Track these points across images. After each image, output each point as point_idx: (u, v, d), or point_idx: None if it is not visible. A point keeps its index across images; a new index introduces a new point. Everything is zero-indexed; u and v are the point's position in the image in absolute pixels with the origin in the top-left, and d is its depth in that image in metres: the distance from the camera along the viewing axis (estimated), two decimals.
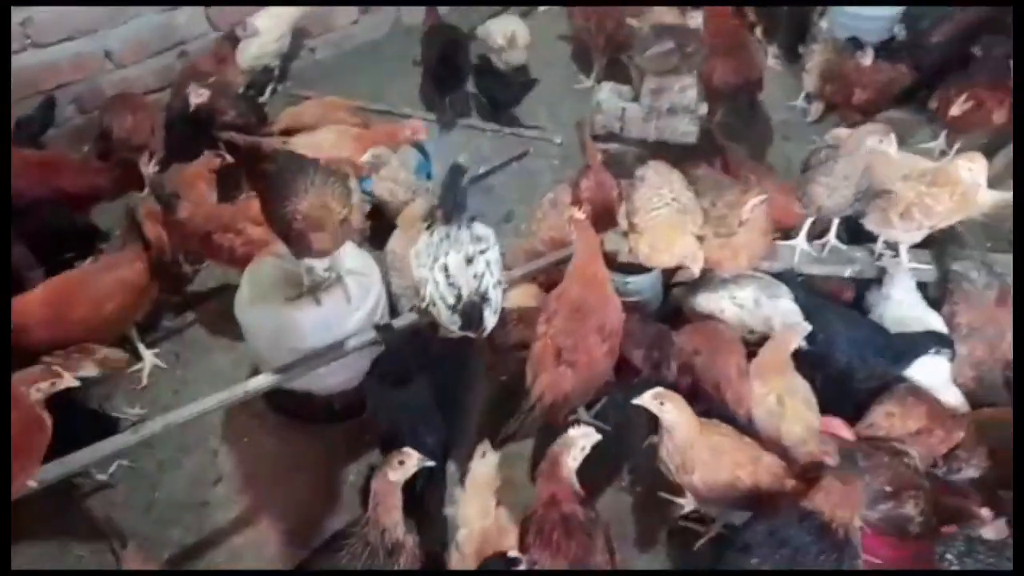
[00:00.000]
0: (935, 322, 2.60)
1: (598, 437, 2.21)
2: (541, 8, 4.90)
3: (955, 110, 3.27)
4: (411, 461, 2.08)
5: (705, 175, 2.93)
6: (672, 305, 3.04)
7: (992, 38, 4.14)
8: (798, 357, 2.59)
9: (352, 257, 2.67)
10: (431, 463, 2.16)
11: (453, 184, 2.53)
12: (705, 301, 2.86)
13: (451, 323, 2.46)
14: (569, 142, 3.97)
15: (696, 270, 2.63)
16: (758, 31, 4.51)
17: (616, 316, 2.51)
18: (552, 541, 2.06)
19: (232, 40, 3.94)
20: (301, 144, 3.36)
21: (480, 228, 2.56)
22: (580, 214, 2.62)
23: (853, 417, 2.53)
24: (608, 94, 3.61)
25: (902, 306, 2.67)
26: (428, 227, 2.63)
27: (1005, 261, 2.80)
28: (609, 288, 2.55)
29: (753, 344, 2.72)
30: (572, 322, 2.44)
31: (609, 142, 3.62)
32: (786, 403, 2.43)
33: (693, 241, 2.63)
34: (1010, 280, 2.67)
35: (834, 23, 4.07)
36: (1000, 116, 3.36)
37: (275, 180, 2.16)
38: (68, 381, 2.30)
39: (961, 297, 2.64)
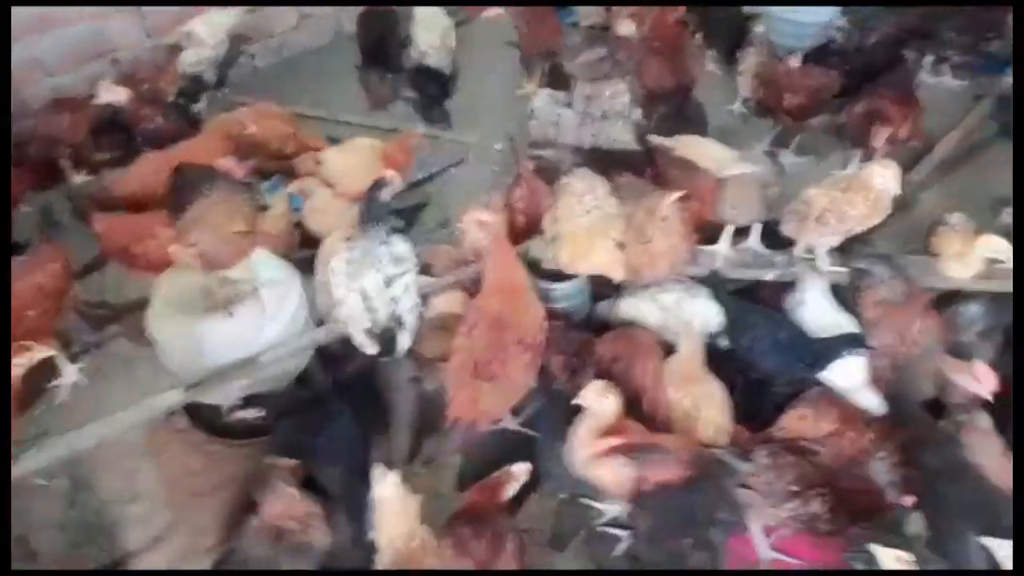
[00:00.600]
0: (847, 323, 2.62)
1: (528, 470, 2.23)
2: (485, 14, 4.89)
3: (876, 142, 3.29)
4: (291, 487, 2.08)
5: (629, 182, 2.94)
6: (600, 312, 3.04)
7: (923, 43, 4.23)
8: (721, 359, 2.65)
9: (269, 267, 2.64)
10: None
11: (372, 197, 2.51)
12: (629, 306, 2.87)
13: (367, 347, 2.53)
14: (509, 148, 3.96)
15: (616, 277, 2.64)
16: (698, 36, 4.58)
17: (537, 326, 2.50)
18: (461, 540, 2.07)
19: (176, 50, 3.91)
20: (337, 169, 3.31)
21: (400, 246, 2.56)
22: (495, 221, 2.63)
23: (771, 421, 2.54)
24: (543, 100, 3.61)
25: (816, 310, 2.69)
26: (347, 238, 2.62)
27: (921, 262, 2.84)
28: (529, 298, 2.54)
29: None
30: (491, 335, 2.43)
31: (545, 148, 3.63)
32: (700, 407, 2.45)
33: (613, 248, 2.64)
34: (920, 280, 2.71)
35: (770, 28, 4.11)
36: (904, 131, 3.38)
37: (175, 193, 2.13)
38: (42, 352, 2.31)
39: (867, 291, 2.67)
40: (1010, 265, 2.65)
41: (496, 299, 2.49)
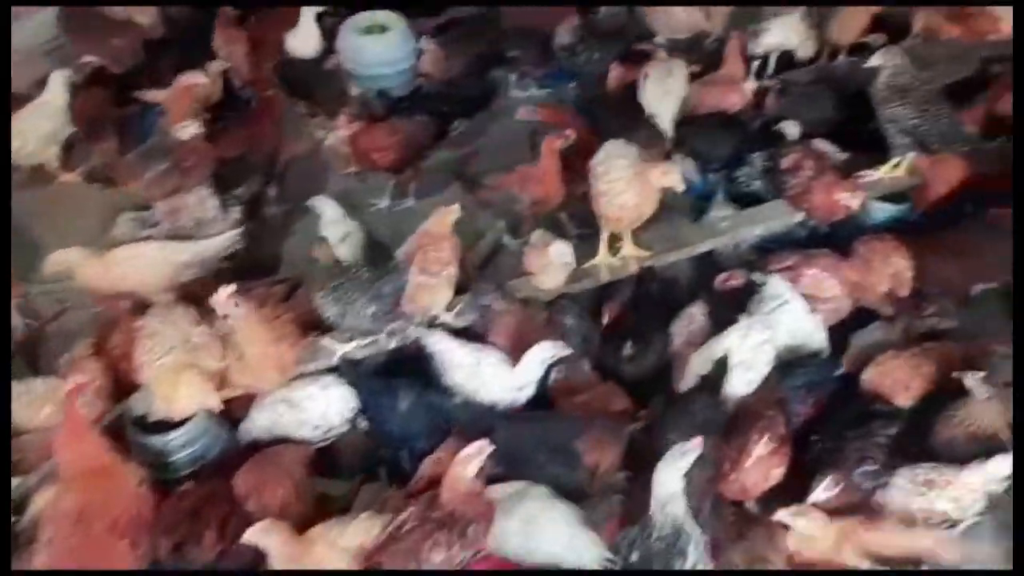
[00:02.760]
0: (467, 358, 2.69)
1: None
2: None
3: None
4: None
5: None
6: (244, 436, 2.79)
7: (505, 70, 4.54)
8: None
9: None
10: None
11: None
12: (264, 420, 2.67)
13: None
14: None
15: (213, 407, 2.45)
16: (301, 105, 4.47)
17: (133, 502, 2.23)
18: None
19: None
20: None
21: None
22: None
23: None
24: (124, 226, 3.25)
25: (450, 358, 2.71)
26: None
27: (524, 282, 3.02)
28: (116, 475, 2.24)
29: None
30: (75, 536, 2.11)
31: None
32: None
33: (198, 378, 2.46)
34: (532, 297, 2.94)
35: (364, 88, 4.16)
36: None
37: None
38: None
39: (492, 325, 2.82)
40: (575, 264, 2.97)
41: (71, 492, 2.15)
